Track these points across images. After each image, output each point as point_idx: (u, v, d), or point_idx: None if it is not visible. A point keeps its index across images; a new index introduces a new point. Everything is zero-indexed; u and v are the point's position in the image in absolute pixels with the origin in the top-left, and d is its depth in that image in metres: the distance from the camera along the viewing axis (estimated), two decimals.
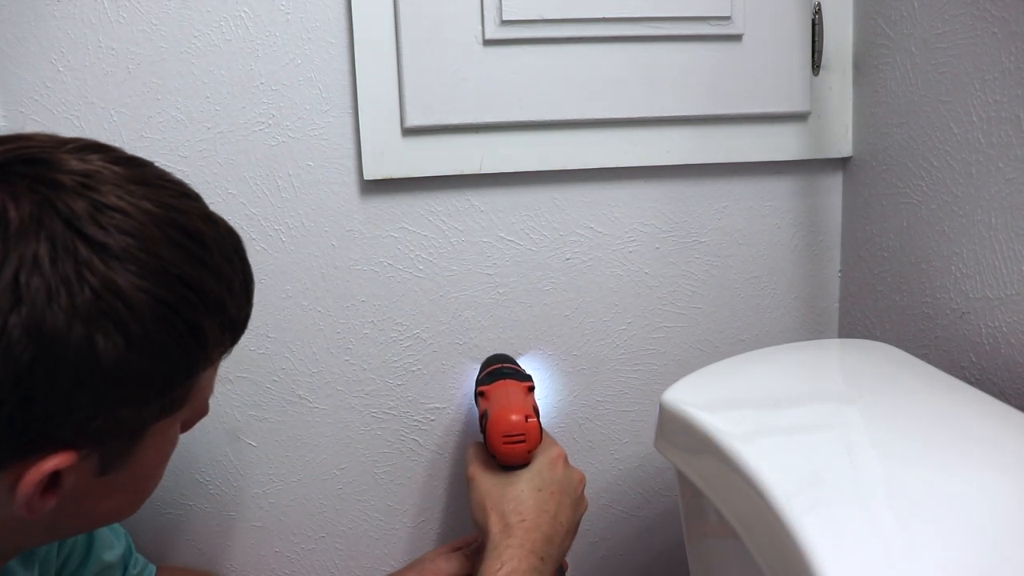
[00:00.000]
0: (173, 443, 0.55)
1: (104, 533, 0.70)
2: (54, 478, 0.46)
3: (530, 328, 0.88)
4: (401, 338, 0.86)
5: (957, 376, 0.69)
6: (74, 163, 0.47)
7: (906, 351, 0.74)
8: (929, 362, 0.71)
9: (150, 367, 0.46)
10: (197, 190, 0.77)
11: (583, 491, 0.73)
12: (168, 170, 0.78)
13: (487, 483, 0.71)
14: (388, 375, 0.86)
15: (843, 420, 0.63)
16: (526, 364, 0.84)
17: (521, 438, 0.70)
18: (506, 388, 0.75)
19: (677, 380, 0.69)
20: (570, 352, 0.90)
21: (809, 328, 0.95)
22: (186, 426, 0.58)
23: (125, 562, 0.73)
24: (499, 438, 0.70)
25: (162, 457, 0.54)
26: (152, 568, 0.77)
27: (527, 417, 0.71)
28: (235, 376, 0.83)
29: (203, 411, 0.60)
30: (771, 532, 0.50)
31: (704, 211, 0.90)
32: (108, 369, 0.44)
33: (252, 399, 0.84)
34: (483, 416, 0.74)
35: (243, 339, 0.81)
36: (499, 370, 0.78)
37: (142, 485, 0.54)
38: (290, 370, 0.84)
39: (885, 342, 0.78)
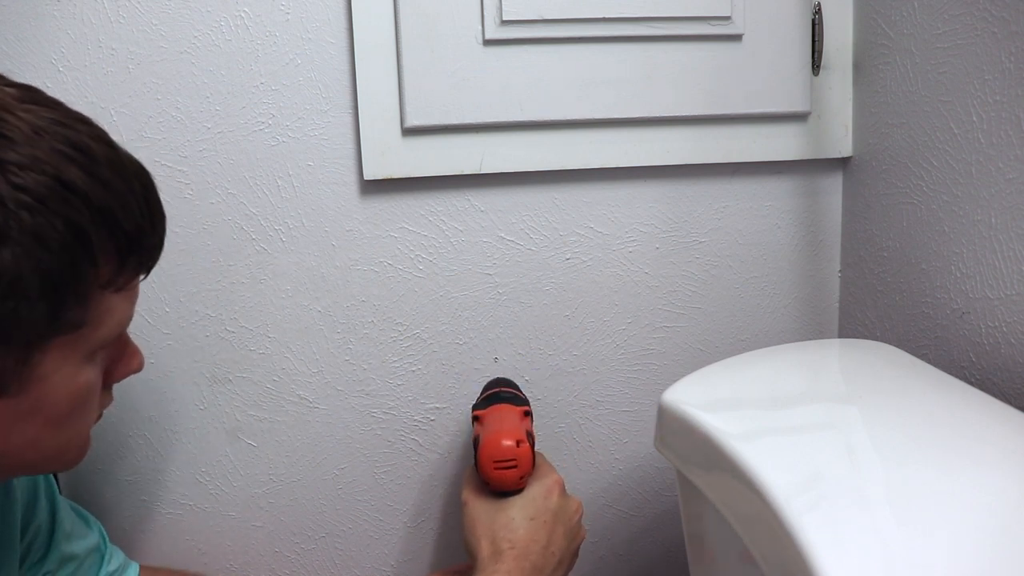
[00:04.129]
0: (88, 383, 0.52)
1: (70, 522, 0.69)
2: None
3: (530, 328, 0.88)
4: (401, 338, 0.86)
5: (957, 376, 0.69)
6: None
7: (906, 351, 0.74)
8: (929, 362, 0.71)
9: (26, 264, 0.45)
10: (197, 190, 0.79)
11: (579, 520, 0.72)
12: (168, 170, 0.79)
13: (479, 508, 0.70)
14: (388, 375, 0.86)
15: (843, 420, 0.63)
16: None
17: (512, 463, 0.69)
18: (500, 413, 0.74)
19: (677, 380, 0.69)
20: (570, 352, 0.90)
21: (809, 328, 0.95)
22: (111, 375, 0.56)
23: (101, 556, 0.73)
24: (490, 463, 0.69)
25: (75, 394, 0.51)
26: (135, 566, 0.76)
27: (519, 442, 0.69)
28: (235, 376, 0.83)
29: (130, 360, 0.57)
30: (771, 532, 0.50)
31: (704, 211, 0.90)
32: None
33: (252, 399, 0.84)
34: (476, 440, 0.73)
35: (243, 339, 0.83)
36: (496, 394, 0.77)
37: (57, 425, 0.51)
38: (290, 370, 0.84)
39: (885, 342, 0.78)
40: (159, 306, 0.81)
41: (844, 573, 0.45)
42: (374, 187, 0.82)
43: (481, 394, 0.80)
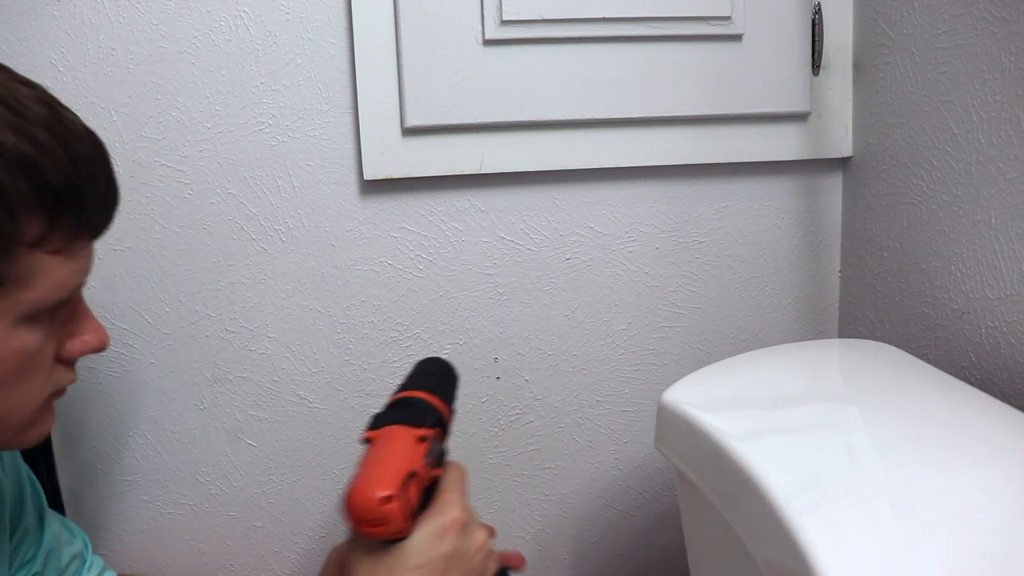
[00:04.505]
0: (25, 348, 0.50)
1: (57, 526, 0.69)
2: None
3: (530, 328, 0.88)
4: (401, 338, 0.86)
5: (957, 376, 0.69)
6: None
7: (906, 351, 0.74)
8: (929, 362, 0.71)
9: None
10: (197, 190, 0.79)
11: (485, 556, 0.60)
12: (168, 170, 0.79)
13: (358, 554, 0.57)
14: (388, 375, 0.86)
15: (843, 420, 0.62)
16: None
17: (380, 522, 0.53)
18: (388, 441, 0.57)
19: (677, 380, 0.69)
20: (570, 352, 0.90)
21: (809, 328, 0.95)
22: (66, 349, 0.54)
23: (83, 563, 0.72)
24: (355, 517, 0.53)
25: (10, 357, 0.49)
26: (112, 574, 0.75)
27: (389, 498, 0.53)
28: (235, 376, 0.83)
29: (86, 336, 0.55)
30: (771, 532, 0.50)
31: (704, 211, 0.90)
32: None
33: (252, 399, 0.84)
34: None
35: (243, 339, 0.83)
36: (401, 404, 0.62)
37: None
38: (290, 370, 0.84)
39: (885, 342, 0.78)
40: (159, 306, 0.81)
41: (844, 573, 0.45)
42: (374, 187, 0.82)
43: (396, 392, 0.65)
